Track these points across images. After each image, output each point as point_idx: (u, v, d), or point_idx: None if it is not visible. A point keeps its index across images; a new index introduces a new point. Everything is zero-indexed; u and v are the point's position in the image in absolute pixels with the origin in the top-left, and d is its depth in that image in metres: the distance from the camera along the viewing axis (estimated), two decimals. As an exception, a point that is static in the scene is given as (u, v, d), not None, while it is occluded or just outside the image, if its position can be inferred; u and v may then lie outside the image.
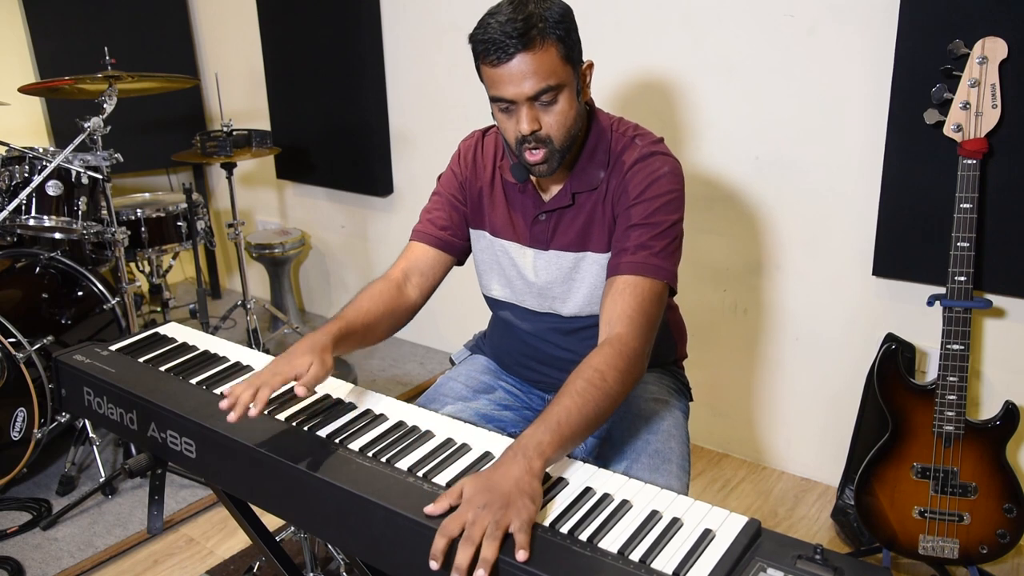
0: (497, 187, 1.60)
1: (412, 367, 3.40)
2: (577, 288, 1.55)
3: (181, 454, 1.34)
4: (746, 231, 2.53)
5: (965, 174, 1.89)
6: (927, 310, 2.06)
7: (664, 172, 1.45)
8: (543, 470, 1.13)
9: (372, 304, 1.52)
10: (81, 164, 2.60)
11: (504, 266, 1.61)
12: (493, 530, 1.00)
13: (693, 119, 2.54)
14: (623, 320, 1.36)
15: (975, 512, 1.95)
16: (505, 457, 1.13)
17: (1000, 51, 1.84)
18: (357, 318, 1.47)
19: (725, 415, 2.74)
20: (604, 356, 1.30)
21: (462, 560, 0.97)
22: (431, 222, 1.64)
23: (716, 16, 2.40)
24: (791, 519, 2.41)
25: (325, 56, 3.41)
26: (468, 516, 1.02)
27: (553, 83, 1.35)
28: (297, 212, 4.01)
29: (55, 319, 2.65)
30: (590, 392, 1.24)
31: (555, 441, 1.16)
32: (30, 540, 2.34)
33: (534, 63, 1.33)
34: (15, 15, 3.65)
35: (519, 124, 1.38)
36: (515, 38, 1.30)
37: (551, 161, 1.42)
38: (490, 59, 1.34)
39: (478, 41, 1.35)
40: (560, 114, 1.38)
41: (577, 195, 1.50)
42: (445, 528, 1.01)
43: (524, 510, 1.03)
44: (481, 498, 1.04)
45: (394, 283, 1.59)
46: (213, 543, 2.36)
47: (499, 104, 1.39)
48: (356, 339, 1.46)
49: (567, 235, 1.52)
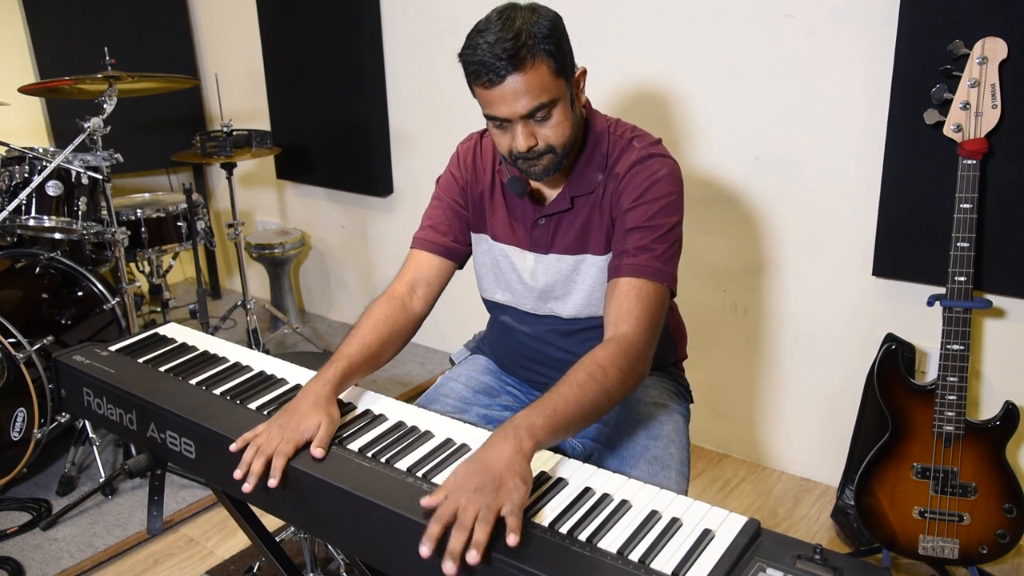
0: (497, 191, 1.59)
1: (412, 367, 3.39)
2: (577, 290, 1.55)
3: (181, 454, 1.34)
4: (746, 231, 2.53)
5: (965, 174, 1.89)
6: (927, 310, 2.06)
7: (663, 175, 1.45)
8: (533, 452, 1.13)
9: (376, 335, 1.47)
10: (81, 164, 2.60)
11: (504, 270, 1.61)
12: (485, 514, 1.01)
13: (693, 120, 2.54)
14: (628, 320, 1.36)
15: (975, 512, 1.95)
16: (496, 436, 1.14)
17: (1000, 51, 1.84)
18: (359, 354, 1.43)
19: (725, 415, 2.74)
20: (608, 352, 1.30)
21: (455, 545, 0.98)
22: (433, 228, 1.62)
23: (716, 17, 2.40)
24: (791, 519, 2.41)
25: (325, 56, 3.41)
26: (460, 501, 1.03)
27: (546, 100, 1.35)
28: (297, 212, 4.01)
29: (55, 319, 2.65)
30: (589, 385, 1.24)
31: (548, 426, 1.16)
32: (30, 540, 2.34)
33: (526, 82, 1.32)
34: (15, 15, 3.65)
35: (515, 141, 1.39)
36: (505, 60, 1.30)
37: (548, 162, 1.42)
38: (482, 81, 1.34)
39: (469, 63, 1.36)
40: (556, 127, 1.39)
41: (575, 199, 1.50)
42: (440, 515, 1.02)
43: (515, 491, 1.04)
44: (472, 482, 1.05)
45: (399, 302, 1.54)
46: (213, 543, 2.36)
47: (494, 122, 1.40)
48: (359, 374, 1.43)
49: (566, 238, 1.52)
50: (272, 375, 1.47)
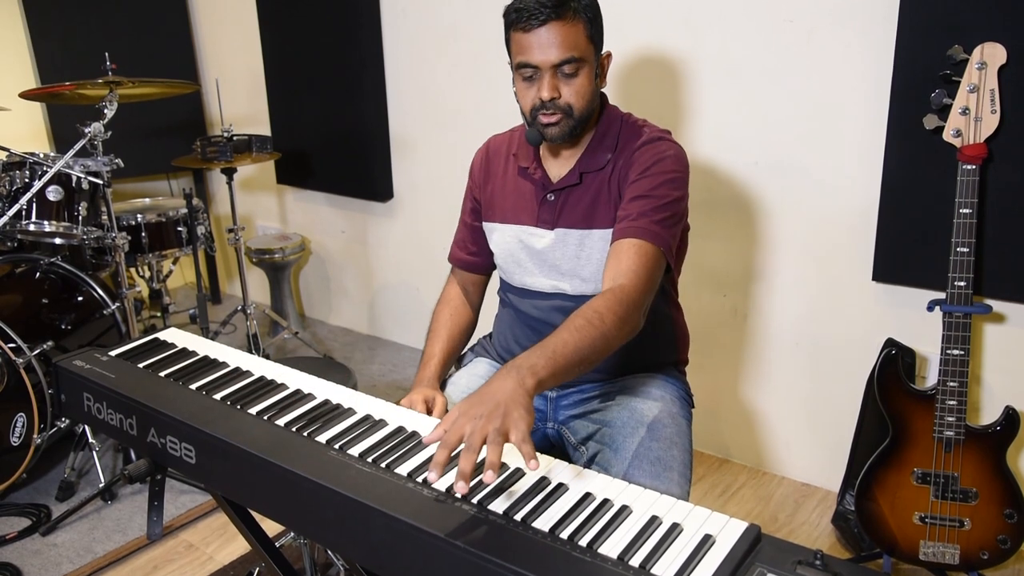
0: (510, 175, 1.67)
1: (412, 372, 3.36)
2: (583, 265, 1.59)
3: (181, 459, 1.34)
4: (745, 236, 2.53)
5: (964, 179, 1.89)
6: (927, 315, 2.06)
7: (670, 154, 1.53)
8: (535, 389, 1.18)
9: (449, 332, 1.74)
10: (82, 169, 2.61)
11: (513, 250, 1.66)
12: (495, 436, 1.05)
13: (692, 124, 2.54)
14: (627, 274, 1.42)
15: (976, 518, 1.95)
16: (498, 374, 1.19)
17: (999, 57, 1.85)
18: (447, 349, 1.71)
19: (725, 420, 2.74)
20: (605, 300, 1.36)
21: (465, 465, 1.01)
22: (459, 246, 1.81)
23: (716, 21, 2.41)
24: (791, 524, 2.40)
25: (325, 61, 3.41)
26: (466, 428, 1.07)
27: (577, 55, 1.45)
28: (297, 217, 4.01)
29: (55, 324, 2.65)
30: (587, 330, 1.29)
31: (548, 366, 1.21)
32: (29, 546, 2.33)
33: (562, 33, 1.42)
34: (16, 20, 3.66)
35: (540, 91, 1.47)
36: (549, 7, 1.41)
37: (564, 125, 1.50)
38: (521, 24, 1.44)
39: (512, 10, 1.46)
40: (579, 88, 1.48)
41: (585, 175, 1.57)
42: (447, 441, 1.06)
43: (521, 420, 1.08)
44: (477, 409, 1.09)
45: (458, 299, 1.80)
46: (213, 549, 2.35)
47: (523, 71, 1.48)
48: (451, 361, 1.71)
49: (574, 213, 1.58)
50: (272, 380, 1.47)
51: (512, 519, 1.04)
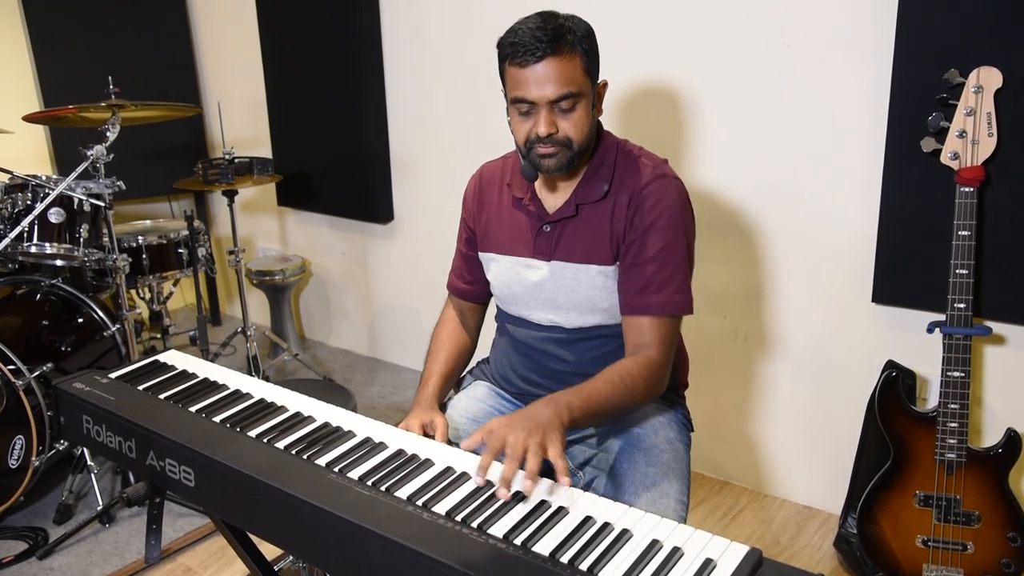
0: (504, 205, 1.65)
1: (412, 394, 3.35)
2: (579, 299, 1.57)
3: (179, 482, 1.33)
4: (745, 257, 2.53)
5: (963, 202, 1.90)
6: (927, 337, 2.06)
7: (677, 204, 1.52)
8: (569, 424, 1.28)
9: (447, 354, 1.75)
10: (84, 191, 2.61)
11: (510, 282, 1.65)
12: (536, 449, 1.17)
13: (691, 146, 2.55)
14: (653, 346, 1.49)
15: (979, 541, 1.93)
16: (538, 403, 1.30)
17: (995, 80, 1.86)
18: (446, 370, 1.71)
19: (726, 442, 2.73)
20: (638, 365, 1.45)
21: (508, 472, 1.13)
22: (456, 275, 1.82)
23: (714, 44, 2.43)
24: (793, 548, 2.39)
25: (327, 84, 3.44)
26: (509, 438, 1.19)
27: (574, 90, 1.43)
28: (298, 239, 4.02)
29: (55, 346, 2.65)
30: (619, 386, 1.39)
31: (582, 407, 1.32)
32: (26, 570, 2.31)
33: (559, 68, 1.40)
34: (20, 44, 3.69)
35: (536, 126, 1.45)
36: (545, 42, 1.39)
37: (561, 156, 1.48)
38: (518, 60, 1.41)
39: (507, 44, 1.44)
40: (577, 122, 1.46)
41: (581, 206, 1.55)
42: (492, 446, 1.19)
43: (559, 441, 1.21)
44: (519, 424, 1.21)
45: (455, 321, 1.81)
46: (211, 572, 2.34)
47: (519, 106, 1.46)
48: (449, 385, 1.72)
49: (570, 246, 1.56)
50: (272, 402, 1.46)
51: (512, 543, 1.04)
